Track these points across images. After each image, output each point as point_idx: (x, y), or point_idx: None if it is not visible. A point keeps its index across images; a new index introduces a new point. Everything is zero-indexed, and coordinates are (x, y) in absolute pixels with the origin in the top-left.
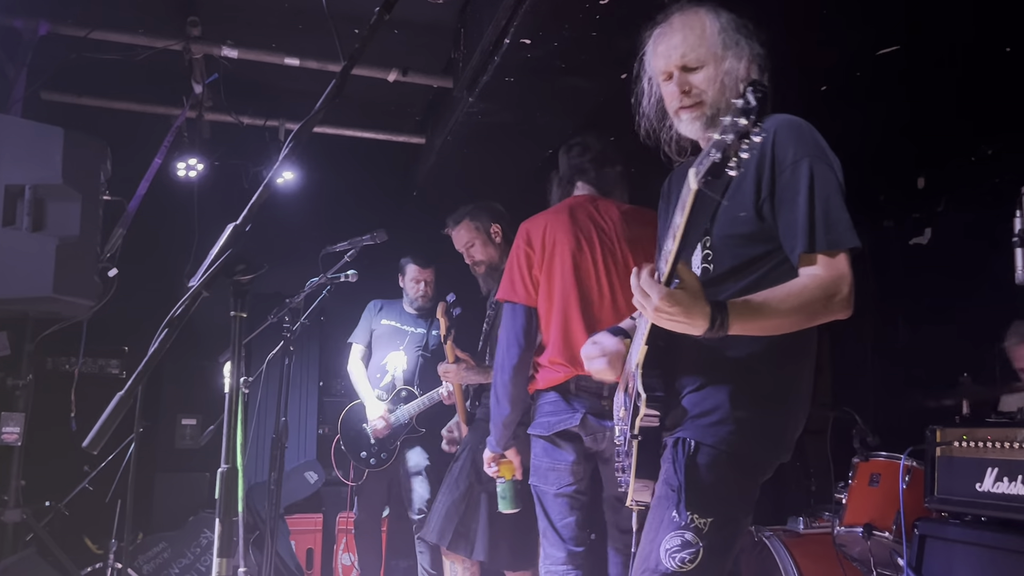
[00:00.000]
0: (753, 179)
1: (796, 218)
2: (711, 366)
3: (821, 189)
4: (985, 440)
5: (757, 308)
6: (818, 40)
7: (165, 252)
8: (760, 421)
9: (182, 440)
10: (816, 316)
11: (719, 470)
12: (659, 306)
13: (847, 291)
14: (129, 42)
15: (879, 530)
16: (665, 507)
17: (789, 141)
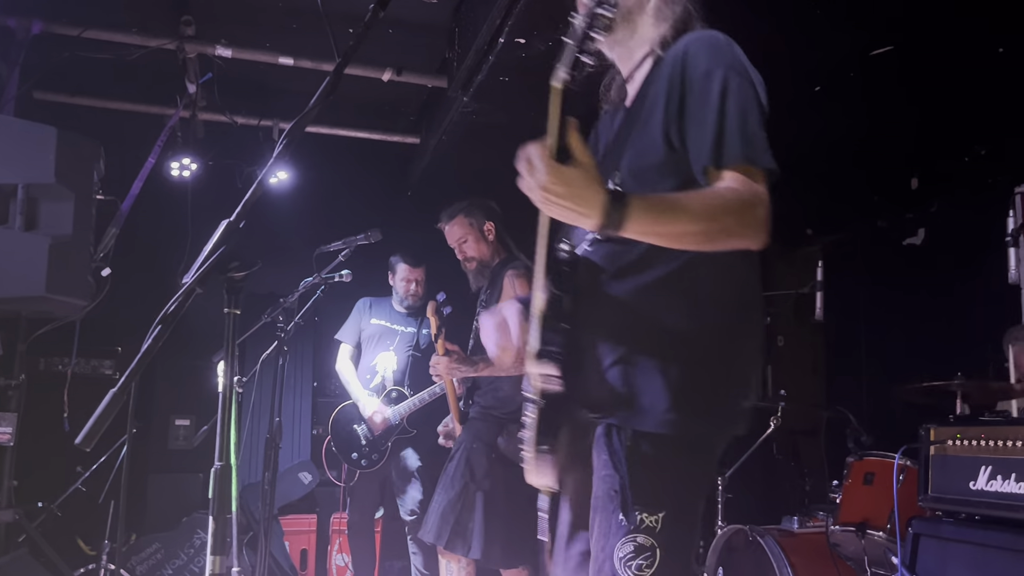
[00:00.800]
0: (663, 101)
1: (705, 131)
2: (635, 331)
3: (736, 102)
4: (979, 439)
5: (662, 205)
6: (811, 40)
7: (159, 252)
8: (702, 395)
9: (175, 441)
10: (729, 231)
11: (663, 459)
12: (546, 184)
13: (764, 213)
14: (123, 41)
15: (873, 529)
16: (610, 509)
17: (702, 54)
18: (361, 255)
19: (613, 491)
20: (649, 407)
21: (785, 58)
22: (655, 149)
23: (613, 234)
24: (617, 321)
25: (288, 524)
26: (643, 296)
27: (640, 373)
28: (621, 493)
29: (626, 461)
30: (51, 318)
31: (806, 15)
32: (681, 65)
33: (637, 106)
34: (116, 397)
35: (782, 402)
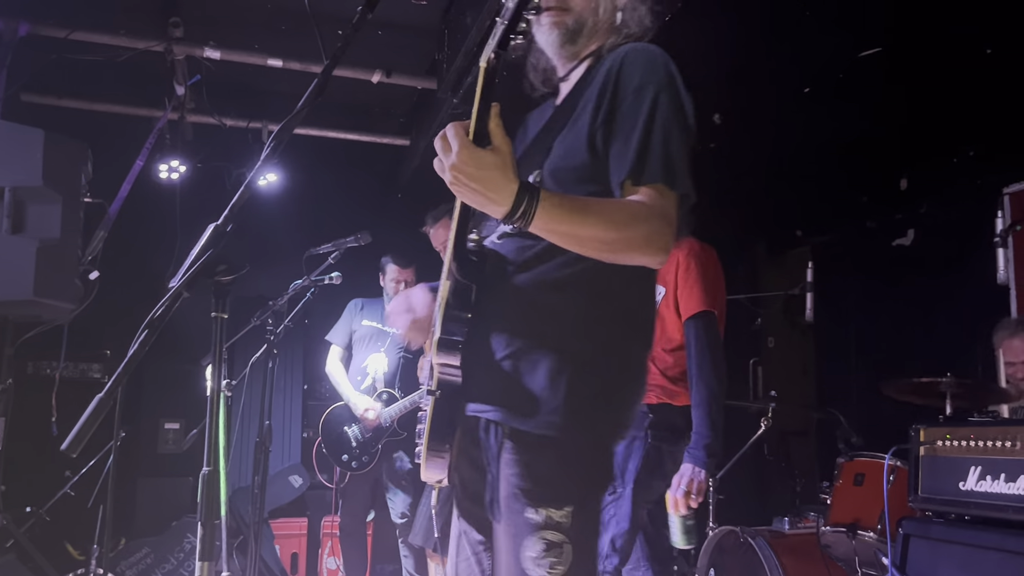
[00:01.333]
0: (592, 106)
1: (629, 146)
2: (530, 327)
3: (663, 122)
4: (968, 439)
5: (572, 205)
6: (801, 42)
7: (147, 254)
8: (590, 398)
9: (165, 444)
10: (633, 245)
11: (558, 455)
12: (458, 163)
13: (669, 235)
14: (110, 43)
15: (864, 530)
16: (516, 509)
17: (638, 67)
18: (351, 257)
19: (517, 489)
20: (535, 406)
21: (775, 60)
22: (578, 153)
23: (520, 226)
24: (514, 316)
25: (278, 528)
26: (542, 293)
27: (529, 370)
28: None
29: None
30: (39, 322)
31: (795, 17)
32: (616, 75)
33: (567, 106)
34: (102, 403)
35: (772, 403)
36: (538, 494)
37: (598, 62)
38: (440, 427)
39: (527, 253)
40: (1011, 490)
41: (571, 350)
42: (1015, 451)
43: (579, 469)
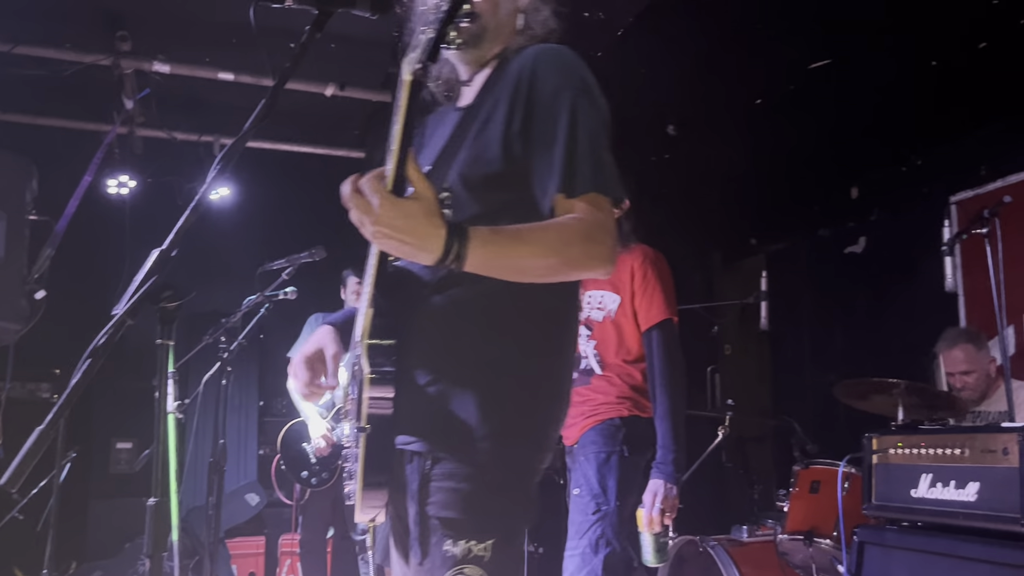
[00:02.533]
0: (505, 110)
1: (554, 156)
2: (451, 350)
3: (586, 128)
4: (919, 447)
5: (504, 238)
6: (752, 55)
7: (96, 272)
8: (514, 421)
9: (117, 465)
10: (574, 262)
11: (485, 484)
12: (382, 218)
13: (611, 243)
14: (56, 57)
15: (820, 537)
16: (433, 541)
17: (551, 71)
18: (309, 272)
19: (436, 520)
20: (458, 433)
21: (726, 72)
22: (491, 160)
23: (454, 269)
24: (434, 341)
25: (235, 547)
26: (461, 316)
27: (451, 397)
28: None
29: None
30: None
31: (747, 31)
32: (528, 78)
33: (474, 111)
34: (43, 435)
35: (730, 411)
36: (459, 525)
37: (504, 64)
38: (374, 464)
39: (444, 274)
40: (961, 497)
41: (493, 373)
42: (964, 459)
43: (503, 498)
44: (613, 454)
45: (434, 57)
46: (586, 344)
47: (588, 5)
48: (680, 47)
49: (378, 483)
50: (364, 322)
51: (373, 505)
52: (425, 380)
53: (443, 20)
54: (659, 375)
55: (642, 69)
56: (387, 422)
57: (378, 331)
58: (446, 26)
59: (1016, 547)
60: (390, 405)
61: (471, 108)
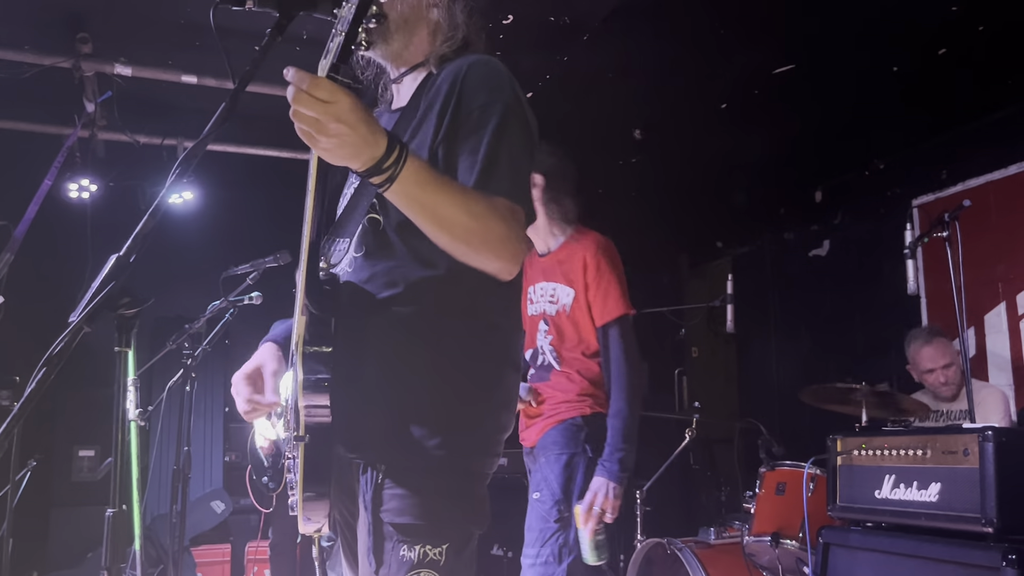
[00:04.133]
0: (435, 119)
1: (474, 162)
2: (394, 355)
3: (509, 140)
4: (882, 448)
5: (437, 176)
6: (717, 59)
7: (57, 278)
8: (468, 432)
9: (79, 472)
10: (490, 240)
11: (437, 489)
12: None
13: (522, 245)
14: (14, 59)
15: (786, 538)
16: (388, 548)
17: (483, 83)
18: (272, 277)
19: (391, 527)
20: (409, 440)
21: (692, 76)
22: None
23: (383, 182)
24: (377, 347)
25: (201, 555)
26: (402, 321)
27: (400, 404)
28: (397, 529)
29: (392, 495)
30: None
31: (712, 36)
32: (459, 90)
33: (406, 117)
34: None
35: (697, 413)
36: (414, 530)
37: (435, 71)
38: (314, 474)
39: (382, 279)
40: (923, 497)
41: (441, 382)
42: (926, 459)
43: (456, 504)
44: (576, 455)
45: (345, 58)
46: (543, 339)
47: (554, 9)
48: (646, 51)
49: (318, 494)
50: (298, 329)
51: (315, 515)
52: (374, 390)
53: (351, 22)
54: (615, 373)
55: (608, 73)
56: (326, 431)
57: (313, 338)
58: (355, 28)
59: (977, 547)
60: (328, 413)
61: (404, 112)
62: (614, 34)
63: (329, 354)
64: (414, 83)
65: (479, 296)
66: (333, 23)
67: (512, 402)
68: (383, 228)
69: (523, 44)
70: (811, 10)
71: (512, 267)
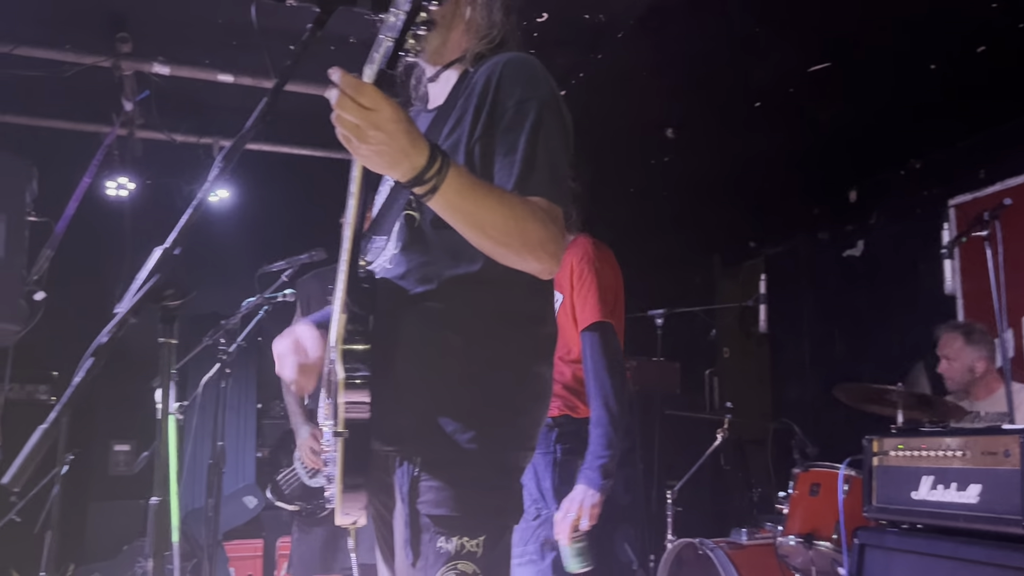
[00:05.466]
0: (471, 118)
1: (513, 161)
2: (432, 352)
3: (546, 138)
4: (920, 449)
5: (479, 182)
6: (751, 57)
7: (95, 274)
8: (503, 426)
9: (116, 467)
10: (529, 245)
11: (474, 483)
12: (386, 118)
13: (562, 244)
14: (56, 59)
15: (820, 540)
16: (425, 540)
17: (518, 80)
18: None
19: (428, 519)
20: (446, 435)
21: (726, 75)
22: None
23: (426, 191)
24: (414, 343)
25: (233, 550)
26: (440, 318)
27: (437, 399)
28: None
29: (430, 488)
30: None
31: (746, 33)
32: (495, 87)
33: (441, 116)
34: (46, 434)
35: (728, 414)
36: (451, 522)
37: (471, 70)
38: (353, 468)
39: (417, 275)
40: (962, 499)
41: (476, 375)
42: (965, 461)
43: (492, 496)
44: (548, 454)
45: (393, 65)
46: None
47: (589, 7)
48: (680, 49)
49: (357, 486)
50: (338, 328)
51: (352, 508)
52: (409, 384)
53: (400, 29)
54: (592, 379)
55: (642, 71)
56: (364, 426)
57: (352, 336)
58: (404, 35)
59: (1018, 549)
60: (367, 409)
61: (440, 111)
62: (648, 32)
63: (368, 351)
64: (450, 81)
65: (513, 292)
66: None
67: (546, 396)
68: (419, 225)
69: (557, 42)
70: (848, 7)
71: (552, 267)
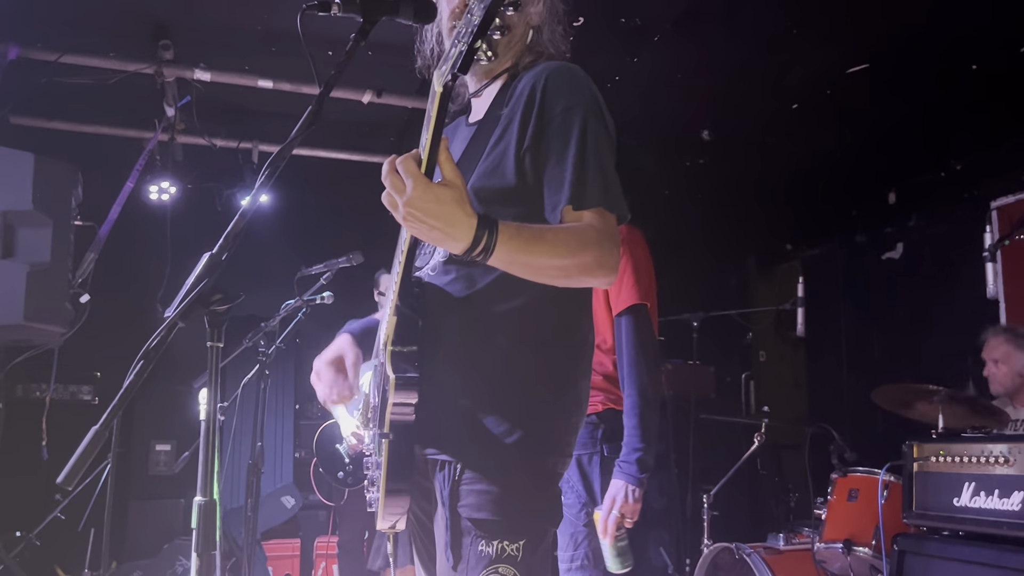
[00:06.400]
0: (517, 127)
1: (564, 171)
2: (476, 357)
3: (594, 146)
4: (962, 455)
5: (528, 235)
6: (789, 59)
7: (137, 277)
8: (543, 431)
9: (156, 466)
10: (585, 268)
11: (515, 487)
12: (415, 200)
13: (618, 256)
14: (100, 66)
15: (859, 545)
16: (466, 543)
17: (562, 88)
18: (344, 277)
19: (469, 522)
20: (489, 439)
21: (762, 77)
22: (504, 175)
23: (480, 259)
24: (459, 348)
25: (271, 549)
26: (485, 325)
27: (480, 404)
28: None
29: (471, 492)
30: (29, 345)
31: (783, 35)
32: (540, 96)
33: (486, 126)
34: (98, 434)
35: (765, 418)
36: (491, 526)
37: (513, 80)
38: (397, 471)
39: (463, 282)
40: (1005, 506)
41: (520, 384)
42: (1009, 467)
43: (532, 500)
44: (594, 455)
45: (465, 69)
46: None
47: (625, 11)
48: (716, 52)
49: (400, 490)
50: (388, 328)
51: (395, 511)
52: (454, 390)
53: (475, 34)
54: (627, 366)
55: (678, 74)
56: (409, 429)
57: (401, 338)
58: (478, 40)
59: None
60: (412, 411)
61: (483, 123)
62: (684, 35)
63: (416, 353)
64: (491, 93)
65: (554, 300)
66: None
67: (583, 403)
68: None
69: (593, 46)
70: (886, 8)
71: (611, 278)
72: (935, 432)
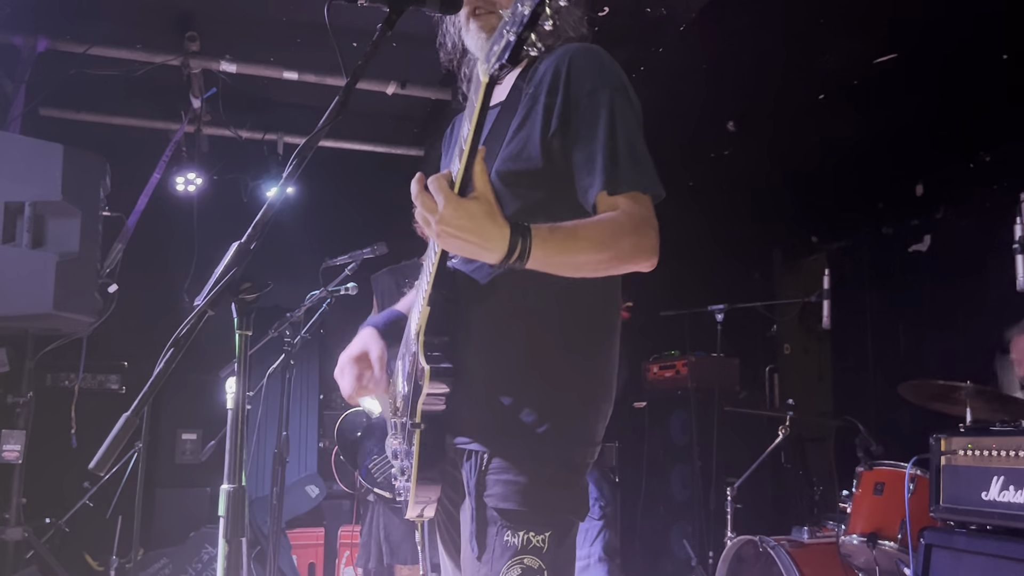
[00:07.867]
0: (543, 108)
1: (595, 156)
2: (505, 348)
3: (624, 126)
4: (990, 449)
5: (562, 235)
6: (816, 49)
7: (164, 267)
8: (568, 416)
9: (182, 455)
10: (624, 256)
11: (542, 479)
12: (445, 216)
13: (655, 236)
14: (128, 58)
15: (884, 539)
16: (491, 533)
17: (588, 69)
18: (368, 268)
19: (495, 512)
20: (517, 430)
21: (788, 67)
22: (531, 158)
23: (516, 267)
24: (488, 339)
25: (296, 538)
26: (515, 315)
27: (509, 394)
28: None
29: (497, 481)
30: (58, 335)
31: (810, 25)
32: (565, 78)
33: (506, 113)
34: (129, 421)
35: (790, 411)
36: (517, 516)
37: (534, 62)
38: (428, 460)
39: (489, 268)
40: None
41: (548, 373)
42: None
43: (559, 492)
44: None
45: (515, 60)
46: None
47: (650, 1)
48: (742, 42)
49: (431, 478)
50: (420, 319)
51: (425, 499)
52: (482, 380)
53: (524, 24)
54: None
55: (704, 64)
56: (440, 418)
57: (434, 328)
58: (529, 30)
59: None
60: (443, 401)
61: (505, 105)
62: (710, 25)
63: (448, 343)
64: (512, 76)
65: (581, 289)
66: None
67: (611, 393)
68: None
69: (618, 36)
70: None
71: (653, 261)
72: (963, 425)
